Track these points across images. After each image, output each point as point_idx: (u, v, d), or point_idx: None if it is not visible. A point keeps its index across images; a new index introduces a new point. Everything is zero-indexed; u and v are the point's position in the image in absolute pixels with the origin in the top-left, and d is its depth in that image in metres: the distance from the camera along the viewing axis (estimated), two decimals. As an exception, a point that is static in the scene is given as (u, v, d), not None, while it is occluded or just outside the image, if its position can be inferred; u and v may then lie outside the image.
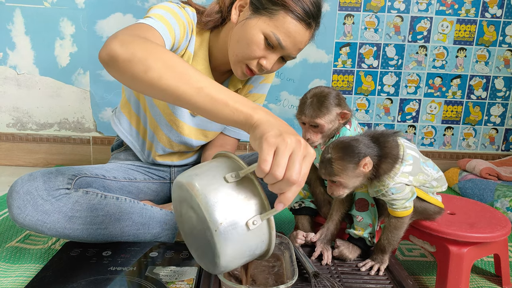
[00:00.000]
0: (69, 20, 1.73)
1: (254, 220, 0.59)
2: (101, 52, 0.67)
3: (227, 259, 0.59)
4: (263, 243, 0.63)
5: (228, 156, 0.66)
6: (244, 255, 0.62)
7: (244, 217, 0.59)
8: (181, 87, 0.63)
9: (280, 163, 0.54)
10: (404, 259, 1.09)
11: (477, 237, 0.85)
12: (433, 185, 0.88)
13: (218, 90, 0.64)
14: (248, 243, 0.61)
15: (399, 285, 0.81)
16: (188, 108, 0.66)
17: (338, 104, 0.89)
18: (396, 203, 0.82)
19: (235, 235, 0.58)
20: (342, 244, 0.91)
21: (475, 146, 1.99)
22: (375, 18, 1.81)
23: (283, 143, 0.55)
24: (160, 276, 0.84)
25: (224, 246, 0.58)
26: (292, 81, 1.87)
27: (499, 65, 1.89)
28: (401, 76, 1.88)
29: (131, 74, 0.65)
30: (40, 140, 1.85)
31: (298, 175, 0.55)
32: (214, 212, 0.57)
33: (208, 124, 1.13)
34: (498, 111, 1.95)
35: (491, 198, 1.50)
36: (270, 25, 0.90)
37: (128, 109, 1.15)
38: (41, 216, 0.86)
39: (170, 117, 1.07)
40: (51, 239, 1.10)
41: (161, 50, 0.67)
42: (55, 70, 1.78)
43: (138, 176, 1.16)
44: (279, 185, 0.56)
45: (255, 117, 0.61)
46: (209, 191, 0.58)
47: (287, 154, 0.55)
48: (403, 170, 0.79)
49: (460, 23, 1.83)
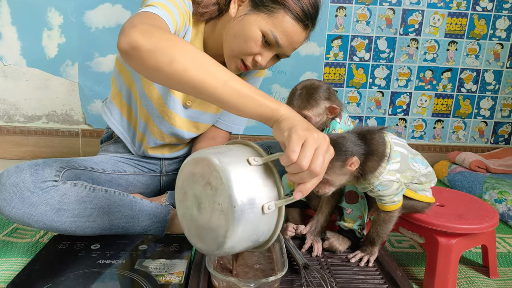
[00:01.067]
0: (57, 10, 1.70)
1: (270, 205, 0.61)
2: (122, 41, 0.66)
3: (235, 239, 0.59)
4: (269, 231, 0.64)
5: (247, 144, 0.67)
6: (250, 239, 0.62)
7: (262, 200, 0.60)
8: (206, 80, 0.64)
9: (307, 155, 0.58)
10: (393, 250, 1.10)
11: (466, 228, 0.86)
12: (421, 181, 0.88)
13: (243, 84, 0.66)
14: (258, 227, 0.61)
15: (388, 276, 0.82)
16: (211, 101, 0.67)
17: (328, 98, 0.89)
18: (384, 198, 0.82)
19: (251, 216, 0.59)
20: (332, 236, 0.91)
21: (464, 139, 2.00)
22: (367, 11, 1.81)
23: (311, 137, 0.59)
24: (150, 269, 0.83)
25: (237, 224, 0.58)
26: (283, 73, 1.86)
27: (489, 59, 1.90)
28: (392, 69, 1.89)
29: (154, 65, 0.64)
30: (28, 132, 1.82)
31: (321, 167, 0.59)
32: (237, 188, 0.58)
33: (201, 116, 1.12)
34: (487, 104, 1.96)
35: (480, 190, 1.51)
36: (269, 23, 0.90)
37: (119, 99, 1.13)
38: (28, 209, 0.85)
39: (162, 108, 1.06)
40: (39, 232, 1.09)
41: (183, 41, 0.67)
42: (43, 61, 1.75)
43: (127, 169, 1.14)
44: (301, 175, 0.60)
45: (281, 111, 0.65)
46: (233, 168, 0.59)
47: (314, 147, 0.59)
48: (389, 168, 0.79)
49: (451, 16, 1.83)
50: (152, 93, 1.03)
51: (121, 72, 1.09)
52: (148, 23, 0.70)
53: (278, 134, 0.64)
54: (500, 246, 1.15)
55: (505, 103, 1.96)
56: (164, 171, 1.23)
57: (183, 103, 1.07)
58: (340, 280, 0.80)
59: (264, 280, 0.67)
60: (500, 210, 1.35)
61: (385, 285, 0.79)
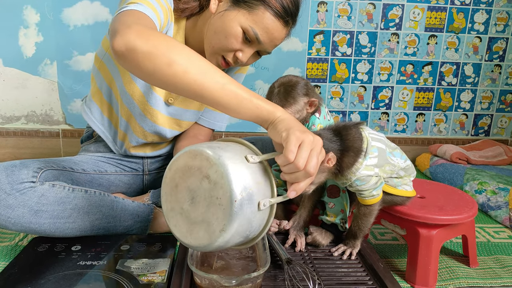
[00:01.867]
0: (33, 7, 1.66)
1: (265, 202, 0.63)
2: (117, 42, 0.65)
3: (230, 234, 0.59)
4: (259, 227, 0.66)
5: (241, 142, 0.69)
6: (243, 234, 0.63)
7: (259, 196, 0.62)
8: (206, 82, 0.65)
9: (303, 156, 0.61)
10: (376, 243, 1.11)
11: (445, 219, 0.87)
12: (400, 175, 0.88)
13: (239, 87, 0.68)
14: (252, 223, 0.62)
15: (370, 268, 0.83)
16: (208, 103, 0.68)
17: (306, 93, 0.88)
18: (363, 193, 0.83)
19: (248, 211, 0.60)
20: (315, 230, 0.92)
21: (446, 131, 2.04)
22: (348, 6, 1.82)
23: (307, 139, 0.63)
24: (132, 269, 0.82)
25: (235, 219, 0.58)
26: (266, 69, 1.86)
27: (468, 52, 1.93)
28: (374, 64, 1.90)
29: (152, 68, 0.64)
30: (6, 134, 1.78)
31: (315, 168, 0.63)
32: (237, 183, 0.58)
33: (183, 114, 1.11)
34: (467, 97, 2.00)
35: (461, 182, 1.54)
36: (249, 19, 0.90)
37: (99, 97, 1.12)
38: (5, 211, 0.83)
39: (144, 106, 1.04)
40: (18, 235, 1.06)
41: (179, 43, 0.67)
42: (20, 61, 1.71)
43: (109, 169, 1.13)
44: (296, 175, 0.63)
45: (277, 113, 0.69)
46: (233, 163, 0.60)
47: (310, 149, 0.62)
48: (367, 163, 0.79)
49: (431, 10, 1.85)
50: (134, 91, 1.02)
51: (100, 70, 1.07)
52: (142, 24, 0.70)
53: (274, 135, 0.67)
54: (480, 235, 1.18)
55: (484, 96, 2.00)
56: (147, 170, 1.22)
57: (165, 100, 1.06)
58: (323, 274, 0.80)
59: (246, 276, 0.67)
60: (480, 201, 1.38)
61: (367, 277, 0.80)
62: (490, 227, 1.25)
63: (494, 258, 1.04)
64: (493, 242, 1.14)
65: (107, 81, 1.07)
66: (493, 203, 1.34)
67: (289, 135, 0.63)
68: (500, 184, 1.41)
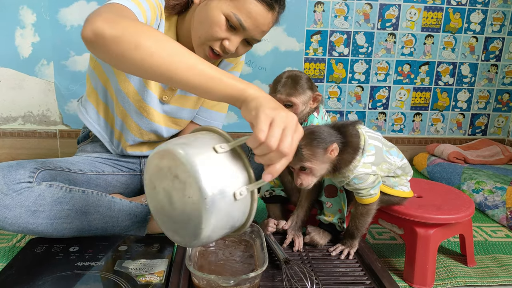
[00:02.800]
0: (29, 8, 1.65)
1: (241, 191, 0.60)
2: (85, 29, 0.64)
3: (210, 228, 0.58)
4: (244, 215, 0.64)
5: (213, 130, 0.66)
6: (226, 226, 0.62)
7: (232, 187, 0.60)
8: (173, 64, 0.63)
9: (275, 134, 0.57)
10: (374, 242, 1.11)
11: (443, 218, 0.88)
12: (397, 174, 0.89)
13: (210, 66, 0.65)
14: (232, 214, 0.61)
15: (368, 268, 0.83)
16: (180, 86, 0.66)
17: (311, 88, 0.91)
18: (361, 192, 0.83)
19: (223, 205, 0.58)
20: (313, 230, 0.92)
21: (443, 131, 2.04)
22: (344, 6, 1.82)
23: (279, 116, 0.58)
24: (130, 270, 0.82)
25: (210, 215, 0.57)
26: (264, 69, 1.86)
27: (465, 52, 1.93)
28: (371, 64, 1.90)
29: (120, 52, 0.63)
30: (3, 134, 1.77)
31: (290, 147, 0.58)
32: (205, 179, 0.57)
33: (178, 112, 1.11)
34: (464, 97, 2.00)
35: (458, 181, 1.54)
36: (231, 5, 0.89)
37: (95, 97, 1.11)
38: (2, 211, 0.83)
39: (140, 104, 1.04)
40: (16, 236, 1.06)
41: (150, 28, 0.66)
42: (17, 61, 1.70)
43: (106, 169, 1.12)
44: (270, 156, 0.59)
45: (249, 91, 0.64)
46: (199, 159, 0.58)
47: (282, 127, 0.58)
48: (364, 161, 0.79)
49: (427, 10, 1.86)
50: (128, 89, 1.02)
51: (95, 69, 1.07)
52: (114, 13, 0.69)
53: (246, 114, 0.63)
54: (477, 234, 1.18)
55: (481, 95, 2.01)
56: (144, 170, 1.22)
57: (159, 98, 1.06)
58: (321, 274, 0.80)
59: (244, 277, 0.67)
60: (478, 200, 1.39)
61: (365, 277, 0.80)
62: (488, 226, 1.25)
63: (492, 257, 1.04)
64: (491, 241, 1.14)
65: (102, 81, 1.07)
66: (490, 202, 1.35)
67: (258, 113, 0.58)
68: (497, 183, 1.42)
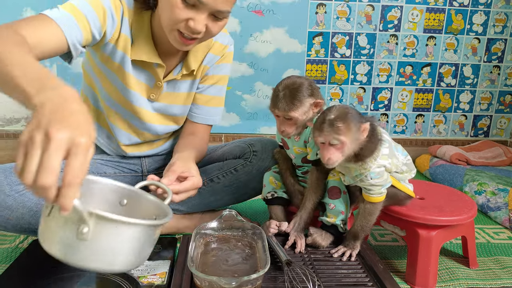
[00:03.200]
0: (32, 10, 1.66)
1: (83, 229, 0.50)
2: None
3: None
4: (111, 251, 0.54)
5: None
6: (107, 259, 0.54)
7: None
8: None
9: (27, 167, 0.44)
10: (376, 244, 1.11)
11: (445, 220, 0.88)
12: (403, 170, 0.90)
13: (19, 63, 0.56)
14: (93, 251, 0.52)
15: (370, 269, 0.83)
16: None
17: (311, 94, 0.88)
18: (373, 189, 0.84)
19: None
20: (315, 232, 0.92)
21: (445, 132, 2.04)
22: (346, 7, 1.82)
23: (31, 141, 0.45)
24: (132, 271, 0.82)
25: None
26: (266, 71, 1.86)
27: (467, 53, 1.93)
28: (373, 65, 1.90)
29: None
30: (6, 136, 1.78)
31: (52, 177, 0.44)
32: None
33: (169, 109, 1.09)
34: (466, 98, 2.00)
35: (461, 183, 1.54)
36: None
37: (87, 104, 1.11)
38: (4, 212, 0.83)
39: (127, 105, 1.04)
40: (19, 237, 1.06)
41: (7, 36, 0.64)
42: (20, 63, 1.71)
43: (108, 170, 1.13)
44: (37, 192, 0.46)
45: (35, 99, 0.49)
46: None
47: (36, 154, 0.44)
48: (382, 152, 0.81)
49: (430, 11, 1.86)
50: (112, 92, 1.02)
51: (84, 76, 1.07)
52: (8, 25, 0.68)
53: None
54: (479, 236, 1.18)
55: (483, 97, 2.00)
56: (146, 171, 1.22)
57: (147, 97, 1.05)
58: (323, 275, 0.80)
59: (246, 278, 0.67)
60: (480, 202, 1.38)
61: (367, 279, 0.80)
62: (490, 228, 1.25)
63: (494, 259, 1.04)
64: (493, 243, 1.14)
65: (91, 87, 1.07)
66: (492, 204, 1.34)
67: (21, 134, 0.46)
68: (500, 185, 1.42)
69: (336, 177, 0.93)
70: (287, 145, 0.98)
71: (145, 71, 1.00)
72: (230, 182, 1.09)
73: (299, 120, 0.88)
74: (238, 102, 1.90)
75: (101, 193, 0.68)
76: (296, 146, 0.95)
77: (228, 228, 0.87)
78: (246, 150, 1.10)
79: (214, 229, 0.87)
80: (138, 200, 0.70)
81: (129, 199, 0.69)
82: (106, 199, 0.68)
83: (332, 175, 0.93)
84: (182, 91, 1.08)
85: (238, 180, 1.09)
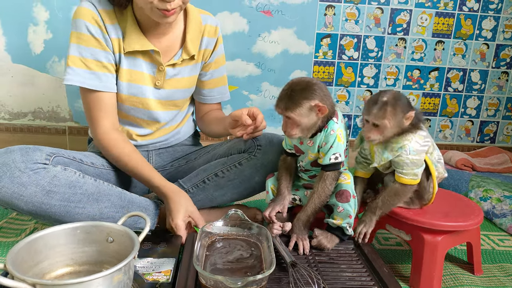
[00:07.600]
0: (42, 5, 1.67)
1: None
2: None
3: None
4: None
5: None
6: None
7: None
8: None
9: None
10: (380, 248, 1.11)
11: (451, 225, 0.87)
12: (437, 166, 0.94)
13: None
14: None
15: (375, 273, 0.83)
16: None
17: (315, 97, 0.85)
18: (407, 168, 0.87)
19: None
20: (320, 233, 0.92)
21: (451, 137, 2.03)
22: (355, 10, 1.82)
23: None
24: (137, 268, 0.83)
25: None
26: (273, 72, 1.86)
27: (476, 58, 1.92)
28: (381, 68, 1.90)
29: None
30: (13, 130, 1.79)
31: None
32: None
33: (174, 94, 1.15)
34: (474, 104, 1.99)
35: (466, 189, 1.53)
36: None
37: None
38: (18, 189, 0.84)
39: (139, 101, 1.09)
40: (24, 231, 1.07)
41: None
42: (29, 58, 1.72)
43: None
44: None
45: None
46: None
47: None
48: (420, 133, 0.88)
49: (439, 16, 1.85)
50: (124, 99, 1.09)
51: None
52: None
53: None
54: (484, 243, 1.17)
55: (491, 103, 1.99)
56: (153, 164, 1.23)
57: (152, 85, 1.10)
58: (328, 278, 0.80)
59: (251, 278, 0.67)
60: (485, 208, 1.38)
61: (372, 282, 0.80)
62: (495, 235, 1.24)
63: (499, 266, 1.04)
64: (498, 250, 1.13)
65: None
66: (498, 210, 1.34)
67: None
68: (506, 192, 1.41)
69: (347, 180, 0.93)
70: (300, 150, 0.97)
71: (144, 61, 1.06)
72: (235, 176, 1.10)
73: (298, 121, 0.87)
74: (245, 101, 1.90)
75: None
76: (310, 151, 0.94)
77: (233, 227, 0.87)
78: (251, 144, 1.10)
79: (219, 228, 0.87)
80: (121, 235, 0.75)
81: (114, 236, 0.75)
82: (92, 239, 0.75)
83: (343, 178, 0.93)
84: (184, 75, 1.14)
85: (243, 174, 1.09)
